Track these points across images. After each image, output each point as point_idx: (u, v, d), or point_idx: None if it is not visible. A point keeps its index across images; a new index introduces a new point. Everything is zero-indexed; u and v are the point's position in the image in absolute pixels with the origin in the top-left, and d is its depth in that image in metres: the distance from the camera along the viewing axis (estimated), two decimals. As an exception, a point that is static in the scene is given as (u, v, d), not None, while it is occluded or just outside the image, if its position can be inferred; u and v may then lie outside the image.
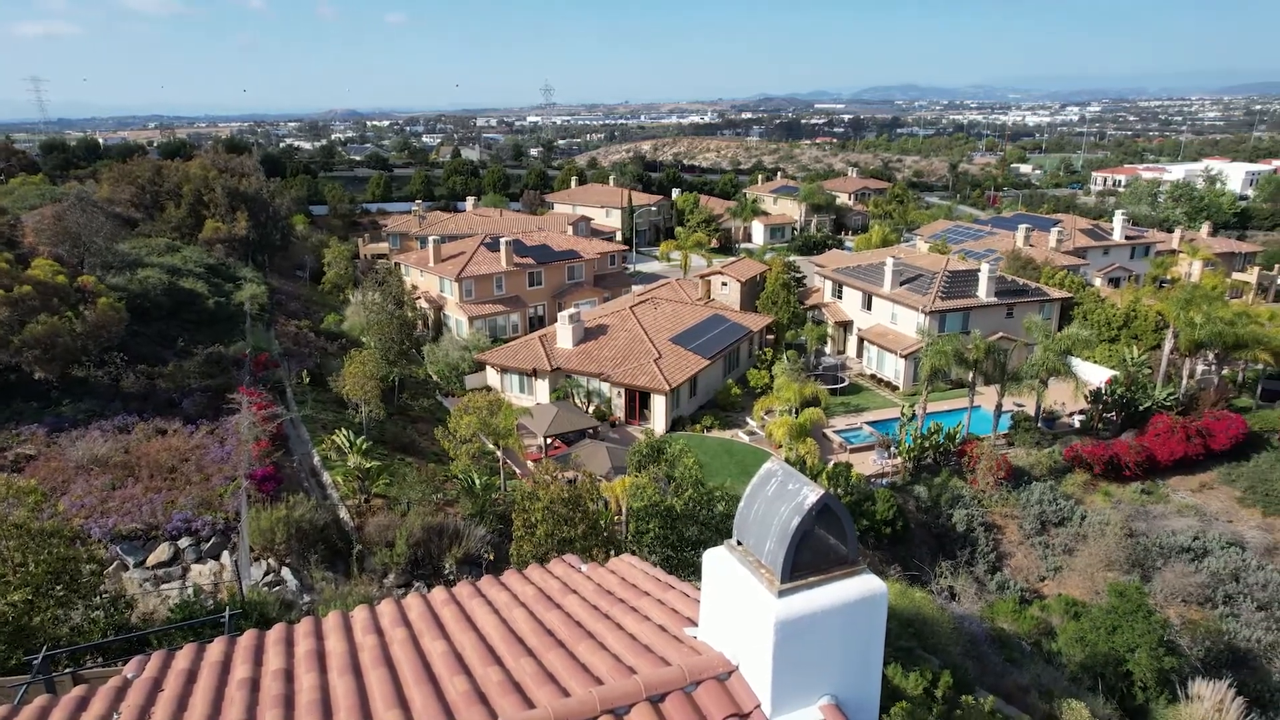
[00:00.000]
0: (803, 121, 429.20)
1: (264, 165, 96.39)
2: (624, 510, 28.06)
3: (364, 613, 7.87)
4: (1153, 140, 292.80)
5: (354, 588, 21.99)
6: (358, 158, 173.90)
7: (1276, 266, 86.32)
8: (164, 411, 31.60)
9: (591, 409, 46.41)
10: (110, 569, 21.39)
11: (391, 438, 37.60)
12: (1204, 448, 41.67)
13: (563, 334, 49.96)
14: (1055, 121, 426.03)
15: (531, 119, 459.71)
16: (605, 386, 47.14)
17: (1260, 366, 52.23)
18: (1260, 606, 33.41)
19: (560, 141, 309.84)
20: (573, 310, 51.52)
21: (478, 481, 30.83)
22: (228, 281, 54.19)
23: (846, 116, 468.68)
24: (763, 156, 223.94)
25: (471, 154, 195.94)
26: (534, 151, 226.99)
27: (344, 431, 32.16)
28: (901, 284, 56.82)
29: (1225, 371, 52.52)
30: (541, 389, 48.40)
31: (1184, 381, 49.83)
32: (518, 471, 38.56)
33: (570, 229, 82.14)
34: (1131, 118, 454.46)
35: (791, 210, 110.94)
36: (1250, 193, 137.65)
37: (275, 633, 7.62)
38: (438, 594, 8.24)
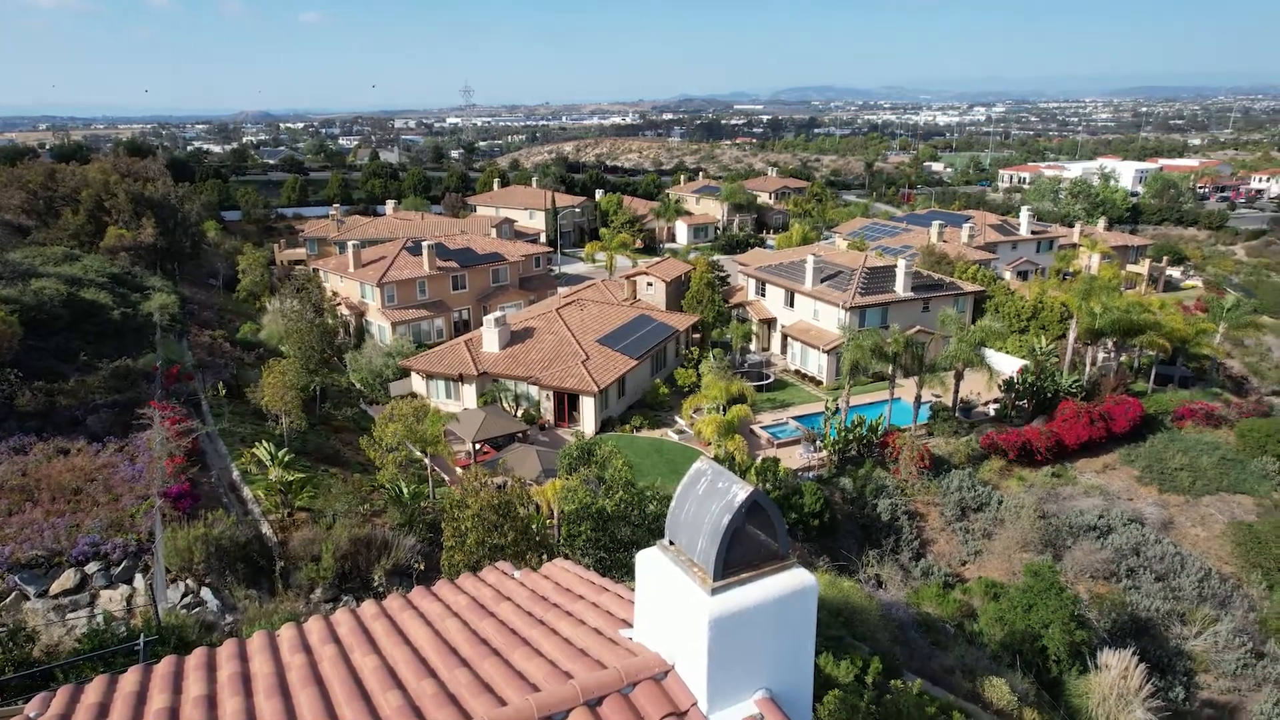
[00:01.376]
0: (723, 122, 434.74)
1: (171, 169, 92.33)
2: (555, 514, 27.95)
3: (291, 631, 7.64)
4: (1053, 140, 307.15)
5: (279, 605, 21.30)
6: (272, 161, 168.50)
7: (1165, 259, 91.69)
8: (66, 430, 29.92)
9: (520, 413, 46.05)
10: (8, 600, 20.21)
11: (315, 449, 36.53)
12: (1106, 431, 43.89)
13: (489, 338, 49.42)
14: (964, 121, 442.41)
15: (451, 120, 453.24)
16: (533, 389, 46.83)
17: (1153, 353, 55.39)
18: (1158, 578, 35.43)
19: (481, 143, 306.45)
20: (498, 314, 51.01)
21: (405, 490, 30.22)
22: (134, 291, 51.73)
23: (765, 117, 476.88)
24: (684, 157, 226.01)
25: (390, 156, 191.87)
26: (455, 153, 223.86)
27: (264, 444, 31.09)
28: (822, 281, 58.13)
29: (1123, 358, 55.52)
30: (468, 394, 47.77)
31: (1087, 369, 52.45)
32: (446, 478, 37.96)
33: (494, 231, 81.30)
34: (1033, 118, 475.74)
35: (714, 210, 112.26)
36: (1140, 189, 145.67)
37: (196, 657, 7.32)
38: (368, 608, 8.06)
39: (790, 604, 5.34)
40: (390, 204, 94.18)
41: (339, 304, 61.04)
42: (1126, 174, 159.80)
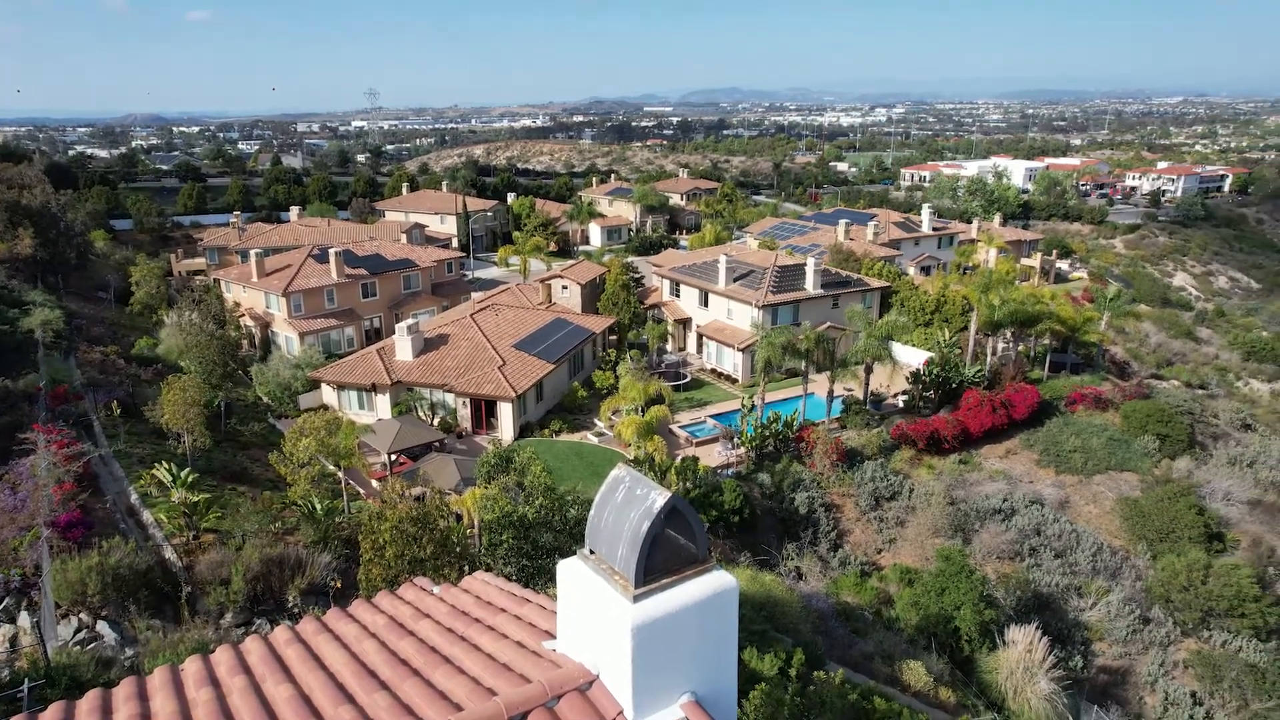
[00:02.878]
0: (633, 124, 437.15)
1: (50, 175, 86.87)
2: (476, 523, 27.55)
3: (196, 664, 7.28)
4: (950, 140, 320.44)
5: (186, 634, 20.30)
6: (165, 166, 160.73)
7: (1054, 252, 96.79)
8: (-61, 459, 27.83)
9: (436, 421, 45.20)
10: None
11: (220, 467, 35.01)
12: (1008, 418, 46.00)
13: (402, 346, 48.33)
14: (866, 122, 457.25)
15: (357, 124, 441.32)
16: (450, 397, 46.04)
17: (1048, 342, 58.41)
18: (1057, 555, 37.38)
19: (389, 147, 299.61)
20: (411, 321, 49.95)
21: (319, 506, 29.26)
22: (12, 307, 48.48)
23: (675, 119, 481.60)
24: (596, 159, 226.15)
25: (294, 161, 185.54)
26: (361, 158, 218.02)
27: (165, 465, 29.60)
28: (735, 280, 59.07)
29: (1021, 347, 58.33)
30: (382, 404, 46.61)
31: (988, 359, 54.87)
32: (362, 492, 36.95)
33: (404, 237, 79.54)
34: (931, 119, 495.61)
35: (627, 212, 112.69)
36: (1030, 187, 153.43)
37: (89, 701, 6.85)
38: (280, 633, 7.76)
39: (712, 606, 5.40)
40: (295, 210, 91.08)
41: (242, 315, 58.65)
42: (1018, 172, 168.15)
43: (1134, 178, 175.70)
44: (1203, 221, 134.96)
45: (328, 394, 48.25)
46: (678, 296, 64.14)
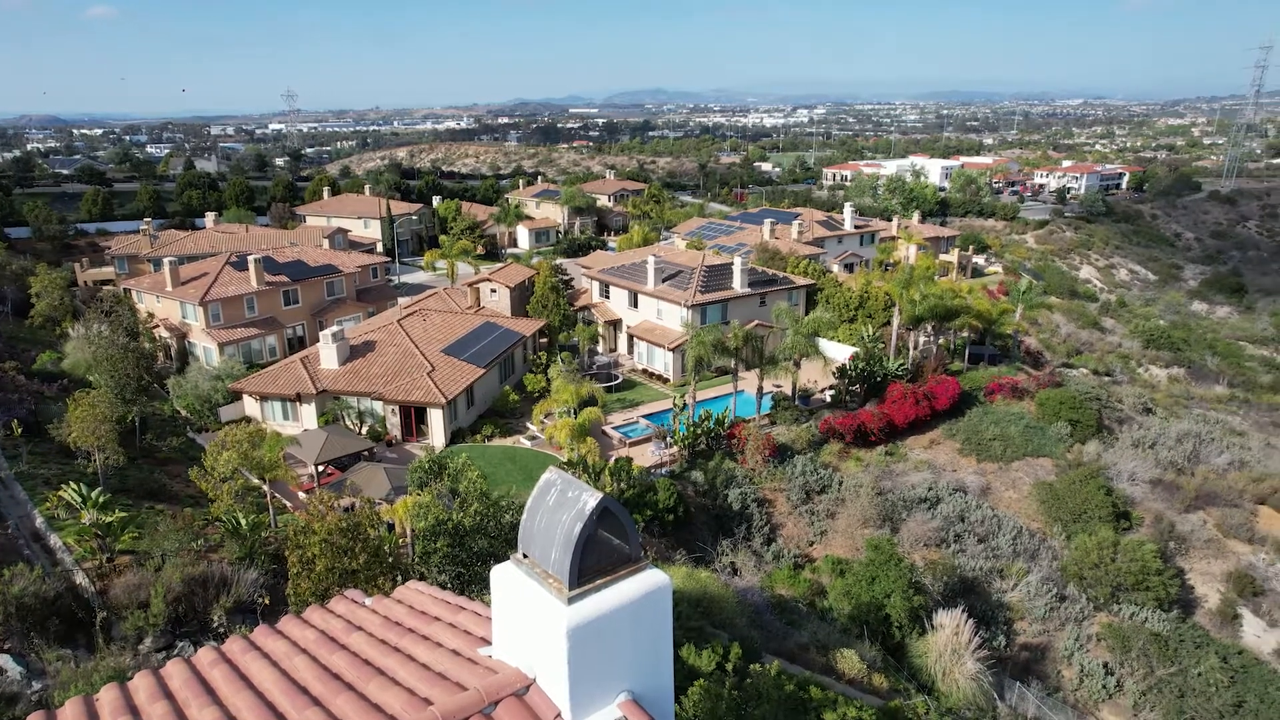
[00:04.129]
0: (559, 125, 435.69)
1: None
2: (408, 532, 27.09)
3: (113, 692, 6.99)
4: (869, 140, 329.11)
5: (101, 662, 19.43)
6: (66, 171, 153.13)
7: (970, 248, 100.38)
8: None
9: (365, 430, 44.24)
10: None
11: (136, 485, 33.58)
12: (930, 409, 47.51)
13: (326, 354, 47.14)
14: (789, 123, 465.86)
15: (274, 127, 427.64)
16: (378, 405, 45.12)
17: (966, 334, 60.54)
18: (980, 540, 38.82)
19: (308, 150, 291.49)
20: (335, 328, 48.75)
21: (244, 521, 28.35)
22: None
23: (601, 120, 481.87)
24: (522, 161, 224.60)
25: (208, 165, 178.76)
26: (280, 161, 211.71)
27: (74, 485, 28.24)
28: (664, 281, 59.48)
29: (941, 340, 60.30)
30: (308, 414, 45.38)
31: (911, 352, 56.56)
32: (289, 505, 35.93)
33: (326, 242, 77.58)
34: (850, 119, 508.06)
35: (554, 214, 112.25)
36: (946, 185, 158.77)
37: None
38: (204, 655, 7.52)
39: (646, 605, 5.46)
40: (210, 216, 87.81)
41: (156, 326, 56.30)
42: (934, 171, 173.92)
43: (1042, 176, 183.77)
44: (1104, 217, 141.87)
45: (250, 405, 46.73)
46: (607, 298, 64.22)
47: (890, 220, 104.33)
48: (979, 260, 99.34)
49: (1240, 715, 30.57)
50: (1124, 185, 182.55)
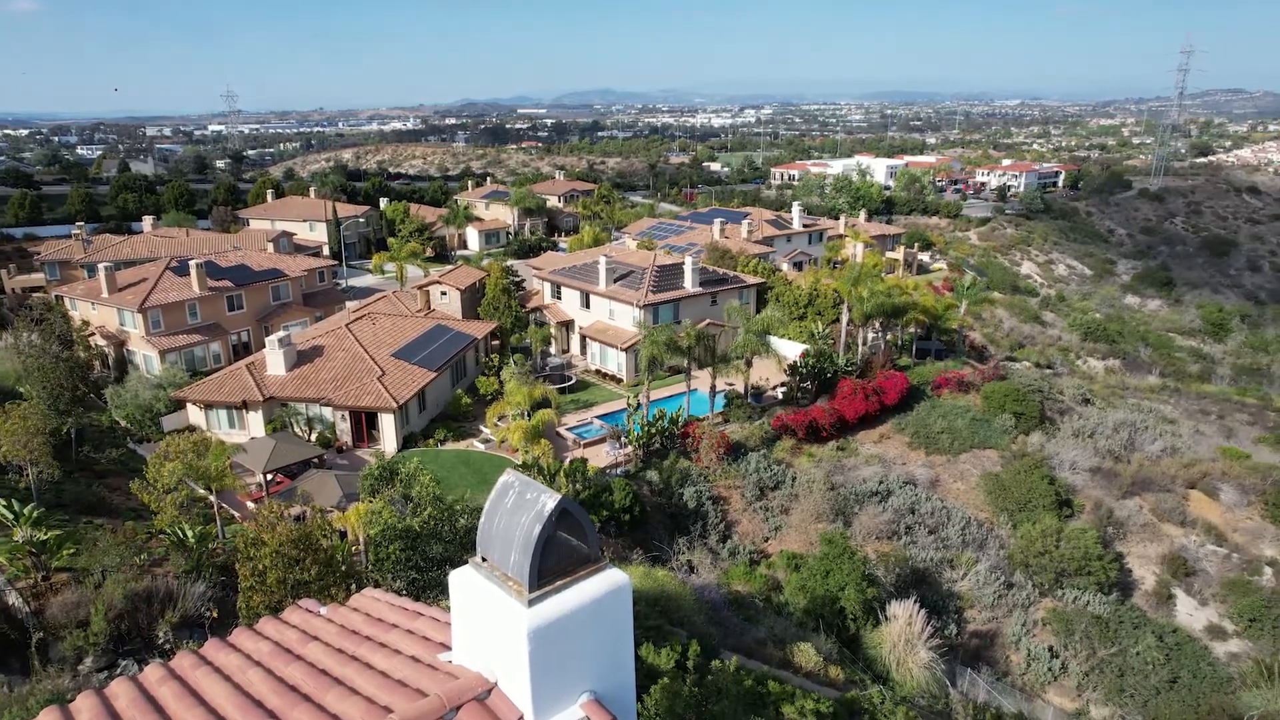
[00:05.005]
0: (508, 126, 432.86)
1: None
2: (361, 539, 26.69)
3: (53, 715, 6.74)
4: (816, 139, 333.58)
5: (37, 685, 18.75)
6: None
7: (916, 245, 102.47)
8: None
9: (314, 436, 43.42)
10: None
11: (73, 500, 32.46)
12: (880, 404, 48.38)
13: (273, 360, 46.13)
14: (736, 123, 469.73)
15: (214, 128, 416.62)
16: (327, 411, 44.31)
17: (913, 330, 61.78)
18: (930, 531, 39.66)
19: (250, 152, 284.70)
20: (282, 333, 47.74)
21: (190, 533, 27.62)
22: None
23: (549, 121, 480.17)
24: (471, 162, 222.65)
25: (144, 167, 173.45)
26: (221, 163, 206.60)
27: (4, 501, 27.18)
28: (615, 281, 59.52)
29: (889, 336, 61.45)
30: (255, 421, 44.35)
31: (860, 348, 57.51)
32: (237, 515, 35.11)
33: (270, 246, 75.87)
34: (797, 119, 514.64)
35: (504, 215, 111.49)
36: (891, 183, 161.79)
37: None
38: (152, 672, 7.32)
39: (606, 604, 5.49)
40: (148, 220, 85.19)
41: (92, 334, 54.41)
42: (879, 170, 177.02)
43: (983, 174, 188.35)
44: (1043, 214, 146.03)
45: (194, 414, 45.51)
46: (559, 299, 64.03)
47: (838, 219, 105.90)
48: (924, 257, 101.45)
49: (1175, 690, 31.81)
50: (1060, 183, 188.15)
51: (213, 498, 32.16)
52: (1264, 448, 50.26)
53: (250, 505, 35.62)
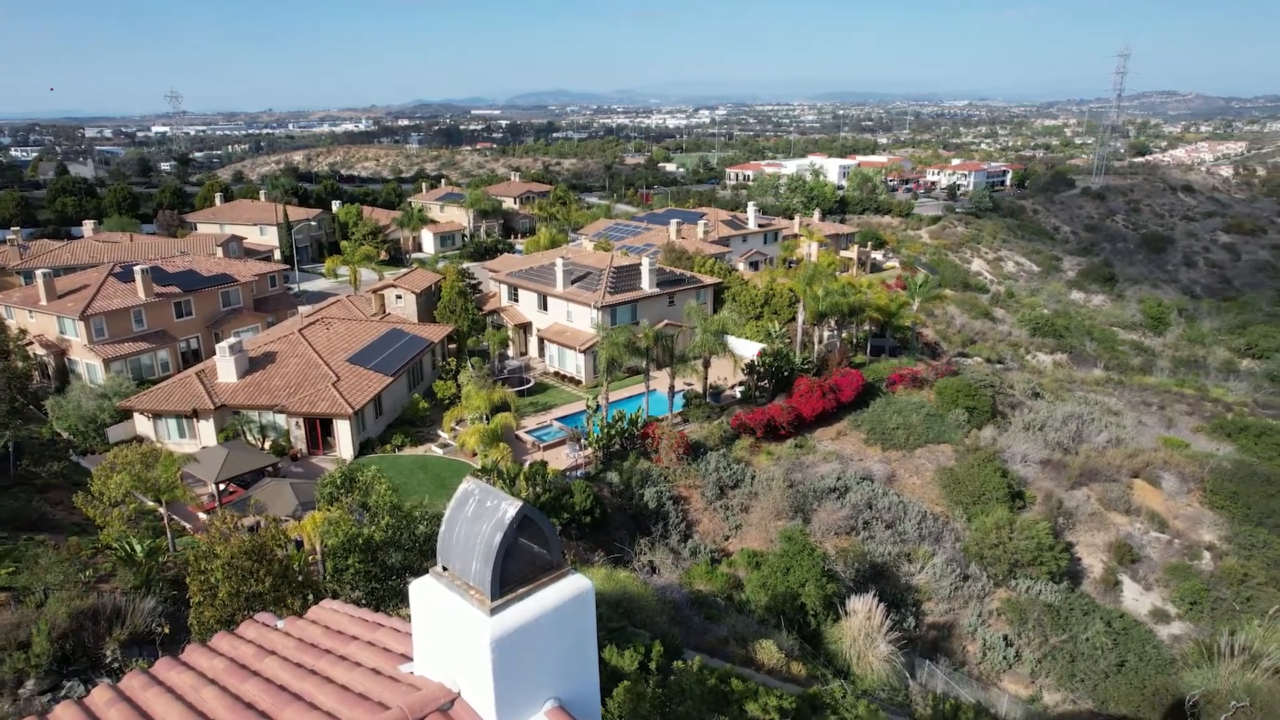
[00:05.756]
0: (461, 128, 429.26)
1: None
2: (318, 549, 26.23)
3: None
4: (770, 140, 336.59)
5: (-21, 708, 18.08)
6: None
7: (869, 244, 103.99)
8: None
9: (268, 445, 42.55)
10: None
11: (12, 516, 31.35)
12: (836, 401, 48.99)
13: (224, 367, 45.11)
14: (691, 124, 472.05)
15: (158, 129, 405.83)
16: (281, 418, 43.47)
17: (868, 328, 62.69)
18: (888, 526, 40.29)
19: (197, 154, 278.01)
20: (233, 340, 46.73)
21: (139, 547, 26.87)
22: None
23: (504, 122, 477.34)
24: (425, 164, 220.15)
25: (84, 170, 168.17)
26: (166, 166, 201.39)
27: (-59, 519, 26.17)
28: (573, 283, 59.38)
29: (844, 334, 62.26)
30: (206, 430, 43.33)
31: (816, 347, 58.17)
32: (188, 527, 34.26)
33: (220, 250, 74.13)
34: (751, 120, 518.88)
35: (460, 217, 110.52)
36: (844, 183, 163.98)
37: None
38: (100, 694, 7.11)
39: (570, 611, 5.48)
40: (89, 225, 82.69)
41: (30, 343, 52.60)
42: (833, 170, 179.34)
43: (934, 174, 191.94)
44: (992, 212, 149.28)
45: (142, 424, 44.29)
46: (516, 301, 63.68)
47: (792, 218, 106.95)
48: (877, 256, 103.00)
49: (1122, 674, 32.80)
50: (1008, 182, 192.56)
51: (162, 510, 31.34)
52: (1201, 437, 52.06)
53: (202, 516, 34.79)
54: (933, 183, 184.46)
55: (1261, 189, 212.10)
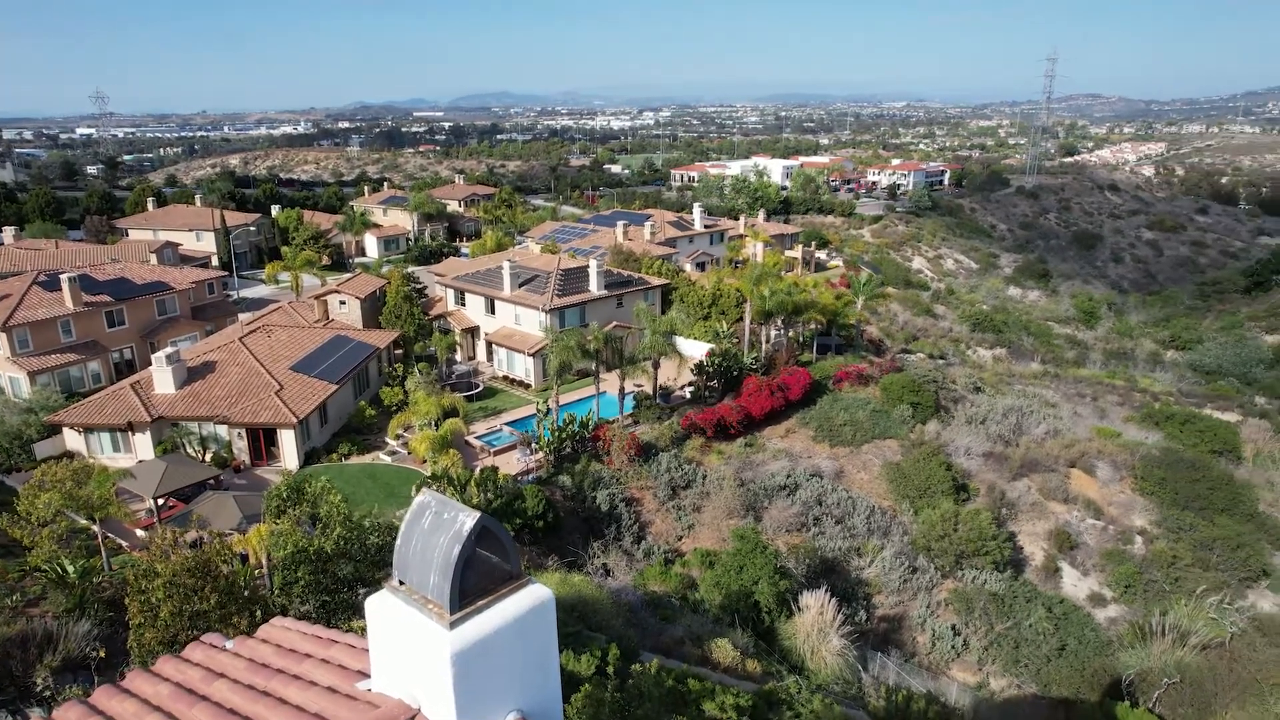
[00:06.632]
0: (403, 129, 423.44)
1: None
2: (265, 563, 25.59)
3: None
4: (714, 141, 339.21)
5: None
6: None
7: (813, 243, 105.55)
8: None
9: (209, 457, 41.34)
10: None
11: (-68, 539, 29.84)
12: (784, 399, 49.58)
13: (161, 377, 43.68)
14: (636, 125, 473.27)
15: (83, 131, 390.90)
16: (223, 429, 42.27)
17: (813, 326, 63.59)
18: (837, 521, 40.91)
19: (127, 157, 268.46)
20: (170, 349, 45.26)
21: (71, 568, 25.85)
22: None
23: (447, 124, 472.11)
24: (366, 167, 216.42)
25: (3, 174, 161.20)
26: (93, 169, 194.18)
27: None
28: (520, 286, 59.01)
29: (791, 333, 63.07)
30: (143, 444, 41.89)
31: (763, 346, 58.80)
32: (125, 545, 33.10)
33: (154, 257, 71.77)
34: (695, 121, 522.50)
35: (404, 220, 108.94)
36: (788, 184, 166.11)
37: None
38: (40, 723, 6.82)
39: (530, 621, 5.45)
40: (9, 231, 79.19)
41: (-51, 357, 50.20)
42: (776, 171, 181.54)
43: (875, 174, 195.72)
44: (931, 211, 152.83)
45: (72, 439, 42.62)
46: (463, 305, 63.02)
47: (738, 219, 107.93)
48: (821, 255, 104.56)
49: (1063, 657, 33.92)
50: (946, 181, 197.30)
51: (96, 528, 30.21)
52: (1131, 426, 54.10)
53: (140, 533, 33.63)
54: (874, 183, 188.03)
55: (1180, 188, 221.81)
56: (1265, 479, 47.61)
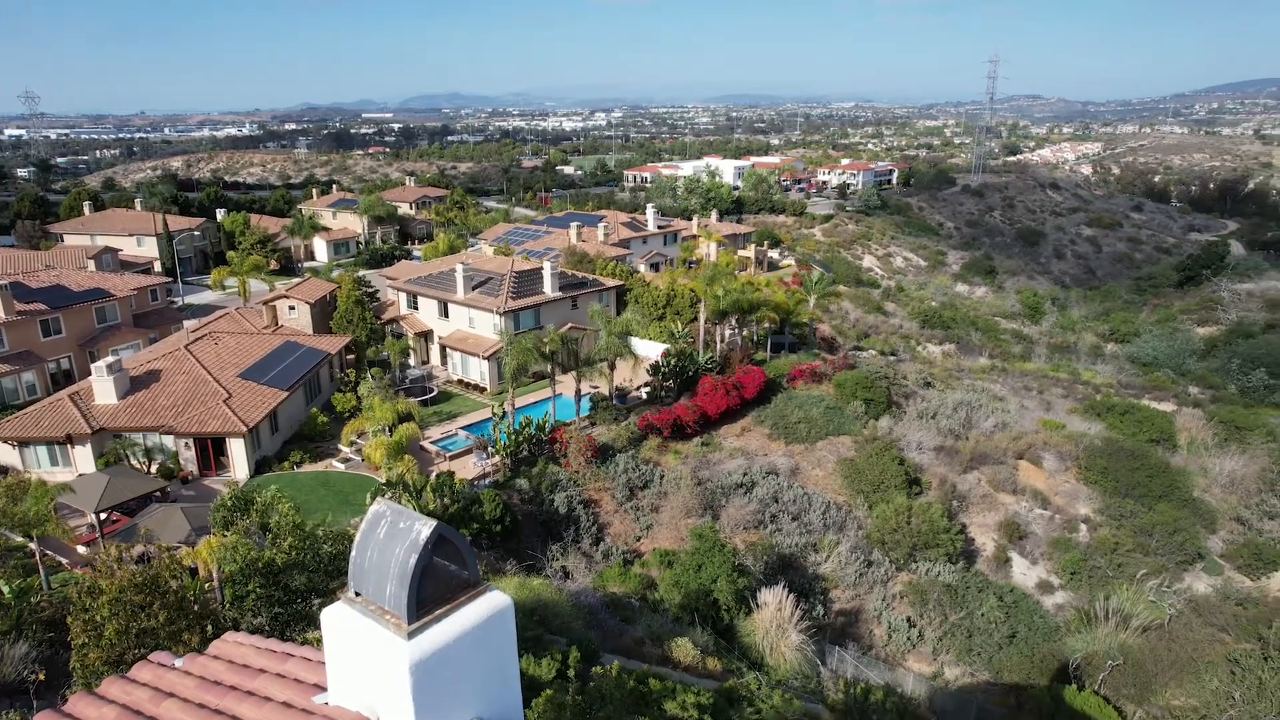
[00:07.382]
0: (352, 131, 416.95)
1: None
2: (215, 575, 24.99)
3: None
4: (666, 141, 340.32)
5: None
6: None
7: (765, 243, 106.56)
8: None
9: (155, 468, 40.20)
10: None
11: None
12: (740, 398, 49.97)
13: (102, 388, 42.36)
14: (588, 126, 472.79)
15: (12, 132, 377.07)
16: (169, 440, 41.15)
17: (767, 325, 64.21)
18: (794, 518, 41.38)
19: (60, 159, 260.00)
20: (111, 359, 43.91)
21: (6, 588, 24.93)
22: None
23: (396, 125, 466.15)
24: (314, 169, 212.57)
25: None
26: (23, 172, 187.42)
27: None
28: (474, 288, 58.53)
29: (745, 332, 63.60)
30: (83, 456, 40.58)
31: (718, 345, 59.20)
32: (65, 562, 32.03)
33: (92, 264, 69.54)
34: (647, 122, 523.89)
35: (354, 224, 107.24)
36: (740, 184, 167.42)
37: None
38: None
39: (490, 628, 5.44)
40: (-65, 239, 76.15)
41: (-128, 371, 48.06)
42: (728, 171, 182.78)
43: (825, 173, 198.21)
44: (880, 210, 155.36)
45: (7, 453, 41.10)
46: (416, 309, 62.28)
47: (690, 219, 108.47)
48: (774, 254, 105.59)
49: (1014, 644, 34.80)
50: (894, 180, 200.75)
51: (33, 545, 29.19)
52: (1075, 417, 55.69)
53: (81, 550, 32.59)
54: (824, 182, 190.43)
55: (1116, 186, 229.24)
56: (1199, 465, 49.42)
